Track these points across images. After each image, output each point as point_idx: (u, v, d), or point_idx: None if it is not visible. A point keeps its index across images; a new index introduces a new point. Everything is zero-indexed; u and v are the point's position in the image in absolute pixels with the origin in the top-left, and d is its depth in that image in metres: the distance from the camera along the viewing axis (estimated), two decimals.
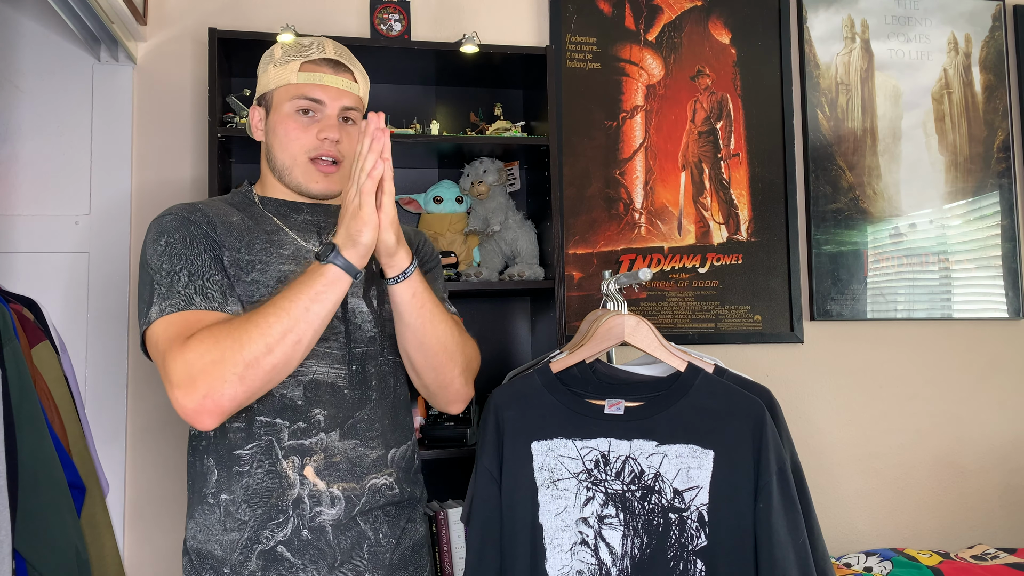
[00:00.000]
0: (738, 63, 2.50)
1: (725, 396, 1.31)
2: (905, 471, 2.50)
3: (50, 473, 1.48)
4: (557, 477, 1.31)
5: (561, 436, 1.32)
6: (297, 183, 1.29)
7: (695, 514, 1.26)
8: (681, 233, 2.42)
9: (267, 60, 1.33)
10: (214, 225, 1.24)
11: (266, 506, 1.19)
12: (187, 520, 1.27)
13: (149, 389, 2.11)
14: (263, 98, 1.33)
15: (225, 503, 1.21)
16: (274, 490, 1.19)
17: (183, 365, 1.08)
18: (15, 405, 1.45)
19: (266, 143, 1.33)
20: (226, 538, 1.20)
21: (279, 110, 1.28)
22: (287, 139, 1.28)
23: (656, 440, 1.30)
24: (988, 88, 2.68)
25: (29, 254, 2.08)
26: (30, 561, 1.40)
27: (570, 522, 1.30)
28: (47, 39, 2.13)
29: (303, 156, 1.28)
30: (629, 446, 1.30)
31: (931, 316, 2.55)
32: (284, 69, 1.28)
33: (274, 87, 1.29)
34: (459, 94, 2.30)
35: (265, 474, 1.19)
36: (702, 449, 1.28)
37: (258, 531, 1.19)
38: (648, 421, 1.31)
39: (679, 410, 1.30)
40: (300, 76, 1.27)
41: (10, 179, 2.10)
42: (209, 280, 1.17)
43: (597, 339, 1.39)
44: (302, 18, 2.23)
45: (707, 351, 1.65)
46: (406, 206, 2.23)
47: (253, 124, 1.35)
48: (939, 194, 2.61)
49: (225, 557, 1.20)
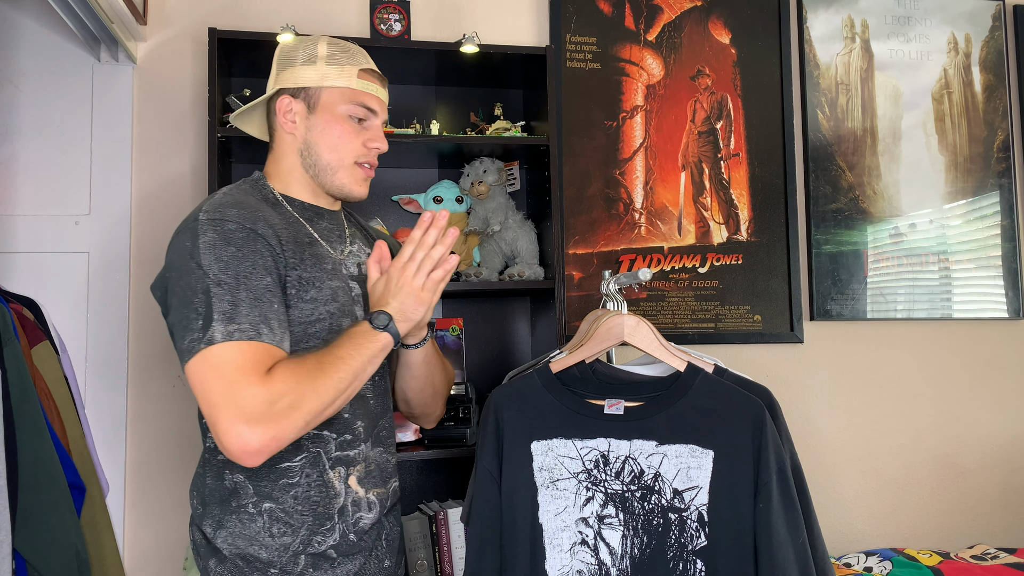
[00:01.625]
0: (738, 63, 2.50)
1: (724, 396, 1.31)
2: (905, 471, 2.50)
3: (50, 473, 1.48)
4: (557, 477, 1.31)
5: (561, 436, 1.32)
6: (340, 184, 1.31)
7: (695, 514, 1.26)
8: (681, 233, 2.42)
9: (305, 54, 1.30)
10: (280, 239, 1.20)
11: (315, 514, 1.22)
12: (213, 528, 1.23)
13: (149, 389, 2.11)
14: (303, 93, 1.29)
15: (270, 511, 1.21)
16: (321, 499, 1.22)
17: (263, 403, 1.05)
18: (15, 405, 1.45)
19: (305, 138, 1.30)
20: (274, 543, 1.21)
21: (331, 110, 1.28)
22: (340, 141, 1.29)
23: (656, 440, 1.30)
24: (988, 88, 2.68)
25: (29, 254, 2.08)
26: (30, 561, 1.40)
27: (570, 522, 1.30)
28: (47, 39, 2.13)
29: (351, 159, 1.30)
30: (629, 446, 1.30)
31: (931, 316, 2.55)
32: (339, 71, 1.28)
33: (327, 86, 1.28)
34: (459, 94, 2.30)
35: (313, 484, 1.22)
36: (702, 449, 1.28)
37: (310, 537, 1.22)
38: (648, 421, 1.31)
39: (679, 410, 1.30)
40: (358, 83, 1.29)
41: (10, 179, 2.10)
42: (271, 310, 1.13)
43: (597, 339, 1.39)
44: (302, 18, 2.23)
45: (707, 351, 1.65)
46: (406, 206, 2.23)
47: (285, 116, 1.30)
48: (939, 194, 2.61)
49: (273, 560, 1.21)
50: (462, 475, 2.11)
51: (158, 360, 2.13)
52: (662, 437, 1.30)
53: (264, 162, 2.18)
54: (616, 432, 1.31)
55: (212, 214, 1.18)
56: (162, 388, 2.12)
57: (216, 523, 1.23)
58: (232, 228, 1.16)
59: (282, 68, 1.32)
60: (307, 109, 1.29)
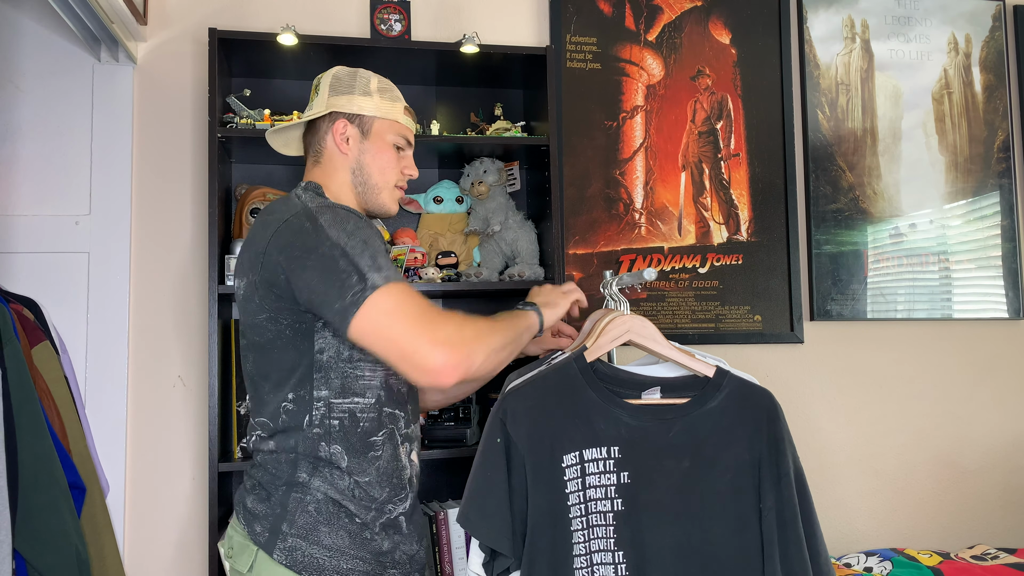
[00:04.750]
0: (738, 63, 2.50)
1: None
2: (905, 471, 2.50)
3: (50, 473, 1.47)
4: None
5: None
6: (381, 202, 1.47)
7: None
8: (681, 233, 2.42)
9: (363, 86, 1.46)
10: None
11: (391, 484, 1.35)
12: (308, 475, 1.30)
13: (149, 389, 2.11)
14: (359, 120, 1.45)
15: (358, 483, 1.32)
16: (396, 471, 1.36)
17: (454, 329, 1.22)
18: (15, 405, 1.45)
19: (358, 159, 1.45)
20: (358, 502, 1.31)
21: (382, 138, 1.46)
22: (387, 165, 1.47)
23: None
24: (988, 88, 2.68)
25: (29, 254, 2.08)
26: (30, 561, 1.40)
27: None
28: (47, 39, 2.13)
29: (392, 182, 1.48)
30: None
31: (931, 316, 2.55)
32: (390, 106, 1.47)
33: (379, 116, 1.45)
34: (459, 94, 2.30)
35: (391, 457, 1.35)
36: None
37: (384, 505, 1.34)
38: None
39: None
40: (403, 119, 1.48)
41: (10, 179, 2.10)
42: (397, 267, 1.32)
43: (607, 337, 1.39)
44: (302, 18, 2.23)
45: (707, 351, 1.65)
46: (406, 206, 2.23)
47: (340, 137, 1.44)
48: (939, 194, 2.61)
49: (356, 513, 1.31)
50: (462, 475, 2.11)
51: (158, 360, 2.13)
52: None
53: (264, 163, 2.19)
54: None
55: (322, 202, 1.32)
56: (162, 388, 2.12)
57: (309, 473, 1.30)
58: (344, 212, 1.30)
59: (337, 93, 1.45)
60: (360, 134, 1.45)
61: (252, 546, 1.28)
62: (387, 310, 1.21)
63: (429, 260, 2.13)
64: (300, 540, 1.27)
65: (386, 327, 1.21)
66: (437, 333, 1.20)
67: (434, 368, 1.19)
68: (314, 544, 1.27)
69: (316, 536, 1.27)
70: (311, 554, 1.26)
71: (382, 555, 1.32)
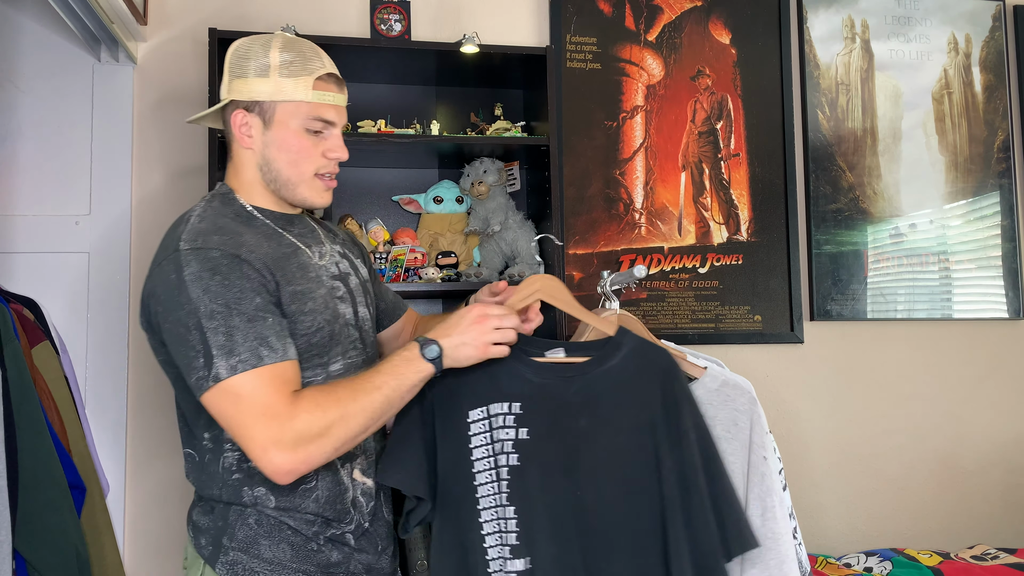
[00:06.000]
0: (738, 63, 2.50)
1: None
2: (905, 471, 2.50)
3: (50, 473, 1.48)
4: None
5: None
6: (302, 198, 1.30)
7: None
8: (681, 233, 2.42)
9: (258, 64, 1.25)
10: (265, 261, 1.20)
11: (333, 510, 1.26)
12: (228, 539, 1.22)
13: (149, 389, 2.11)
14: (258, 107, 1.25)
15: (292, 517, 1.24)
16: (337, 497, 1.26)
17: (292, 432, 1.10)
18: (15, 405, 1.45)
19: (263, 154, 1.27)
20: (299, 522, 1.25)
21: (286, 126, 1.25)
22: (299, 157, 1.27)
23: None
24: (988, 88, 2.68)
25: (29, 254, 2.08)
26: (30, 561, 1.40)
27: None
28: (47, 39, 2.13)
29: (310, 173, 1.29)
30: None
31: (931, 316, 2.55)
32: (294, 84, 1.24)
33: (280, 100, 1.24)
34: (459, 94, 2.30)
35: (330, 483, 1.25)
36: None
37: (326, 526, 1.26)
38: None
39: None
40: (313, 95, 1.25)
41: (10, 179, 2.10)
42: (266, 327, 1.14)
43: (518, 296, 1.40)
44: (302, 18, 2.23)
45: (707, 351, 1.65)
46: (406, 206, 2.23)
47: (241, 131, 1.27)
48: (939, 194, 2.61)
49: (299, 528, 1.25)
50: None
51: None
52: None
53: None
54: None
55: (194, 243, 1.17)
56: (162, 388, 2.12)
57: (233, 531, 1.23)
58: (216, 256, 1.15)
59: (234, 76, 1.27)
60: (263, 124, 1.26)
61: (200, 559, 1.25)
62: (229, 402, 1.11)
63: (429, 260, 2.13)
64: (241, 554, 1.21)
65: (228, 417, 1.13)
66: (279, 433, 1.10)
67: (264, 471, 1.12)
68: (255, 558, 1.21)
69: (256, 549, 1.22)
70: (251, 568, 1.21)
71: (332, 567, 1.25)
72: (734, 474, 1.38)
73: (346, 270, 1.36)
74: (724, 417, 1.40)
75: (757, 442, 1.38)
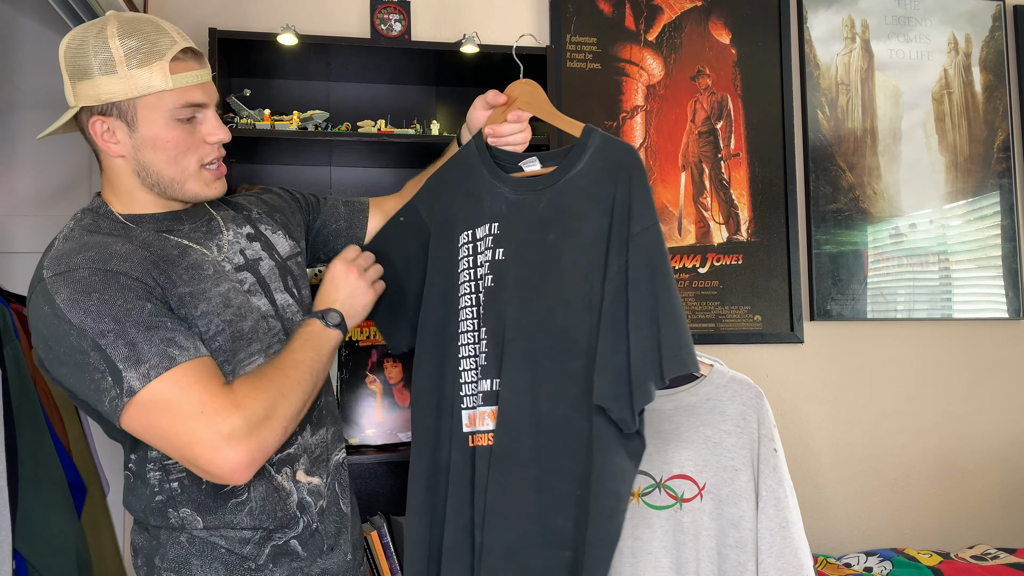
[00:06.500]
0: (738, 63, 2.50)
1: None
2: (905, 471, 2.50)
3: (50, 473, 1.48)
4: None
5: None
6: (193, 194, 1.18)
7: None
8: (681, 233, 2.42)
9: (100, 60, 1.08)
10: (144, 269, 1.09)
11: (273, 519, 1.19)
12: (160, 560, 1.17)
13: None
14: (115, 109, 1.10)
15: (224, 536, 1.17)
16: (277, 505, 1.19)
17: (241, 420, 1.03)
18: (15, 405, 1.45)
19: (137, 159, 1.14)
20: (231, 542, 1.18)
21: (153, 122, 1.11)
22: (177, 153, 1.13)
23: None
24: (988, 88, 2.68)
25: (29, 254, 2.08)
26: (30, 561, 1.40)
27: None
28: (47, 39, 2.13)
29: (195, 165, 1.16)
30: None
31: (931, 316, 2.55)
32: (148, 73, 1.08)
33: (135, 96, 1.09)
34: (459, 94, 2.30)
35: (264, 494, 1.18)
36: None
37: (269, 535, 1.19)
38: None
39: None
40: (174, 80, 1.10)
41: (10, 179, 2.10)
42: (167, 329, 1.05)
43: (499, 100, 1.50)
44: (302, 18, 2.23)
45: (707, 351, 1.66)
46: None
47: (104, 140, 1.12)
48: (939, 194, 2.61)
49: (235, 548, 1.18)
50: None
51: None
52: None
53: (264, 163, 2.18)
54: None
55: (57, 268, 1.07)
56: None
57: (164, 553, 1.18)
58: (84, 275, 1.05)
59: (76, 78, 1.09)
60: (127, 126, 1.11)
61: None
62: (156, 413, 1.02)
63: None
64: (172, 574, 1.15)
65: (161, 429, 1.03)
66: (220, 427, 1.01)
67: (222, 473, 1.03)
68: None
69: (188, 570, 1.15)
70: None
71: None
72: (743, 467, 1.38)
73: (255, 256, 1.25)
74: (733, 412, 1.42)
75: (766, 435, 1.41)
